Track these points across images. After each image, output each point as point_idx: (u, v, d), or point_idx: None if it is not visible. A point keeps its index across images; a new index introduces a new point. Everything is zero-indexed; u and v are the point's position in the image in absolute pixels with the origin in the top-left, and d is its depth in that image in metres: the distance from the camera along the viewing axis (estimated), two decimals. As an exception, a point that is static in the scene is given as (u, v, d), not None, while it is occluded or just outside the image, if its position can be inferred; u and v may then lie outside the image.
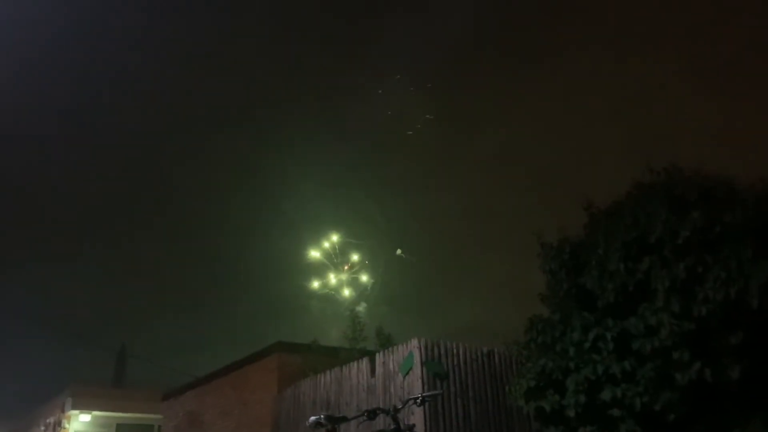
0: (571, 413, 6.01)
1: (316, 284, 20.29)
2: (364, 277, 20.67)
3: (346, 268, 20.67)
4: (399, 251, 21.24)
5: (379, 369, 8.96)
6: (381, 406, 7.81)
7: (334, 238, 20.82)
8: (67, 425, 20.17)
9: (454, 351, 8.56)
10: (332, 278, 20.55)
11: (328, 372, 10.14)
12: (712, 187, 6.18)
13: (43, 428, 20.68)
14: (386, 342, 10.27)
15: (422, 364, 8.14)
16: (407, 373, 8.31)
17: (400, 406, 5.89)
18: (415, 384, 8.11)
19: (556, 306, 6.69)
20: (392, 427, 5.61)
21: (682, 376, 5.40)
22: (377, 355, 9.18)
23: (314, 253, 20.63)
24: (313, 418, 5.50)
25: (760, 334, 5.31)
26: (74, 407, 19.91)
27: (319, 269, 20.80)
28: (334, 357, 10.62)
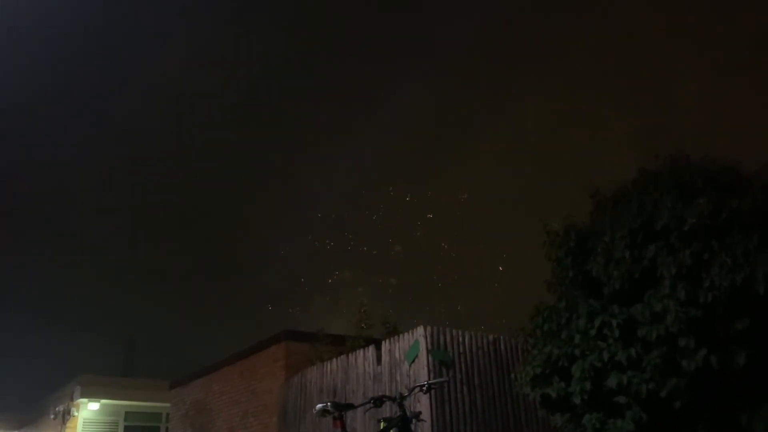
0: (577, 400, 6.02)
1: None
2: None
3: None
4: (398, 248, 21.55)
5: (385, 357, 9.00)
6: (387, 393, 7.86)
7: None
8: (76, 413, 20.34)
9: (460, 339, 8.58)
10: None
11: (334, 360, 10.19)
12: (719, 173, 6.14)
13: (52, 416, 20.80)
14: (392, 330, 10.31)
15: (428, 351, 8.17)
16: (413, 361, 8.34)
17: (406, 394, 5.94)
18: (421, 372, 8.14)
19: (562, 293, 6.68)
20: (399, 414, 5.66)
21: (688, 363, 5.39)
22: (383, 343, 9.22)
23: None
24: (320, 405, 5.56)
25: (767, 320, 5.30)
26: (83, 396, 20.07)
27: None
28: (341, 345, 10.66)
